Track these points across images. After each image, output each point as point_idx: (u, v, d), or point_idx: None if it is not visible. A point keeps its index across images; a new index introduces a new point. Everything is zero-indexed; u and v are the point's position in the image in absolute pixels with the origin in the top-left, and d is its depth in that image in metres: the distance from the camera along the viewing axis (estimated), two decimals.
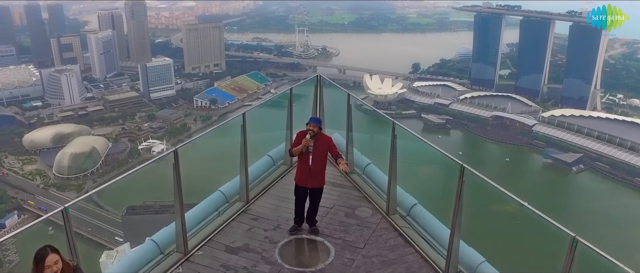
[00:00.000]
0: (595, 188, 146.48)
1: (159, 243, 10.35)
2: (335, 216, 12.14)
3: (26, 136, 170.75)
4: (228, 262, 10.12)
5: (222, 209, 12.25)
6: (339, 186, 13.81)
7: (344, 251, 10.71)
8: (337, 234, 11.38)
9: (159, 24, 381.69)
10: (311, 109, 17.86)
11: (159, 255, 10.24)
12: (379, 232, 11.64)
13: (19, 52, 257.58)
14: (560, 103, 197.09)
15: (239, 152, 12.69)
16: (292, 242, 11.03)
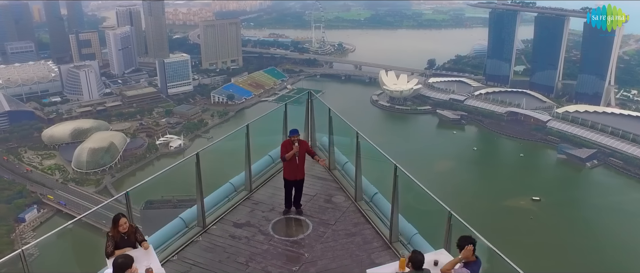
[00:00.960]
0: (609, 184, 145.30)
1: (185, 219, 14.21)
2: (316, 202, 15.71)
3: (45, 131, 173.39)
4: (234, 234, 13.92)
5: (231, 196, 15.91)
6: (322, 179, 17.28)
7: (319, 226, 14.35)
8: (315, 214, 14.94)
9: (177, 20, 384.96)
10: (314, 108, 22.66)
11: (184, 228, 14.08)
12: (347, 214, 15.14)
13: (38, 48, 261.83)
14: (575, 99, 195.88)
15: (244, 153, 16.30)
16: (282, 220, 14.74)
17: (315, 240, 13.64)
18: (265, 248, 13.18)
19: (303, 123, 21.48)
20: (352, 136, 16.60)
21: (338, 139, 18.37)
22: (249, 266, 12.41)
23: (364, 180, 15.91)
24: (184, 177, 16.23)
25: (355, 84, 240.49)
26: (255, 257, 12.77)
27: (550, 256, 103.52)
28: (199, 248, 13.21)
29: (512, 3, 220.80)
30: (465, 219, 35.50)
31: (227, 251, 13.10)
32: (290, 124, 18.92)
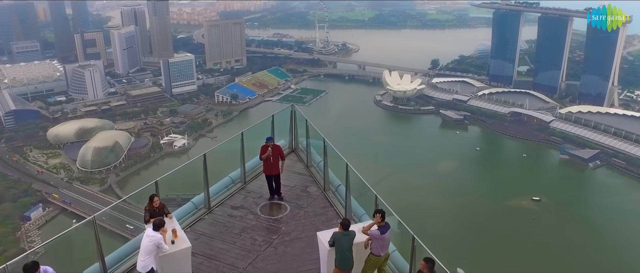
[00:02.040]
0: (611, 184, 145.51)
1: (195, 203, 18.29)
2: (294, 191, 19.64)
3: (50, 130, 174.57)
4: (231, 214, 18.06)
5: (229, 186, 19.91)
6: (301, 174, 21.16)
7: (295, 209, 18.33)
8: (293, 200, 18.90)
9: (181, 19, 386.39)
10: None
11: (194, 209, 18.15)
12: (317, 200, 19.10)
13: (43, 47, 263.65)
14: (578, 99, 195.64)
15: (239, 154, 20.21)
16: (267, 204, 18.71)
17: (291, 218, 17.73)
18: (253, 224, 17.47)
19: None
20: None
21: (314, 142, 22.18)
22: (241, 236, 16.74)
23: (331, 174, 19.74)
24: (187, 177, 20.74)
25: (359, 84, 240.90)
26: (246, 229, 17.13)
27: (551, 256, 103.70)
28: (205, 223, 17.46)
29: (515, 3, 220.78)
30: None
31: (226, 225, 17.38)
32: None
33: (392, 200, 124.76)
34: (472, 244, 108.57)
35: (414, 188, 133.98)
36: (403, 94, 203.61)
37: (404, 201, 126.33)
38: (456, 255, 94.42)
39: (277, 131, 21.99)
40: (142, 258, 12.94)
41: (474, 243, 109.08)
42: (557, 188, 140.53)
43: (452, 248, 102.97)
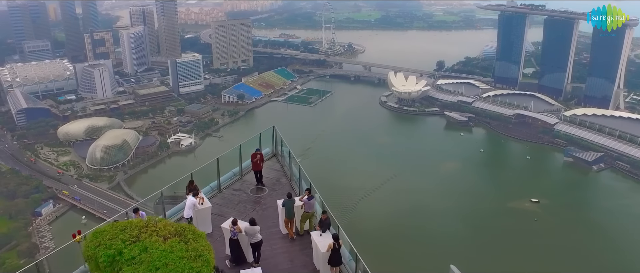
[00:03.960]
0: (615, 187, 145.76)
1: (212, 186, 27.19)
2: (271, 181, 28.14)
3: (61, 128, 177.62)
4: (233, 194, 26.94)
5: (231, 178, 28.61)
6: (276, 171, 29.76)
7: (271, 191, 27.01)
8: (270, 186, 27.56)
9: (189, 19, 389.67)
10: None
11: (211, 191, 27.01)
12: (284, 186, 27.53)
13: (53, 46, 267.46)
14: (583, 102, 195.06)
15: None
16: (255, 188, 27.38)
17: (268, 196, 26.61)
18: (245, 199, 26.68)
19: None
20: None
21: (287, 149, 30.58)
22: (238, 205, 25.89)
23: (294, 170, 28.52)
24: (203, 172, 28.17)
25: (365, 85, 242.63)
26: (241, 202, 26.37)
27: (550, 256, 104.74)
28: (217, 198, 26.47)
29: (521, 6, 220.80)
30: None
31: (230, 199, 26.59)
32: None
33: (395, 200, 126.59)
34: (472, 244, 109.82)
35: (417, 189, 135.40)
36: (408, 95, 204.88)
37: (408, 202, 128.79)
38: (455, 254, 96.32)
39: (264, 142, 30.25)
40: (186, 211, 22.86)
41: (474, 243, 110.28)
42: (560, 190, 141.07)
43: (452, 247, 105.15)
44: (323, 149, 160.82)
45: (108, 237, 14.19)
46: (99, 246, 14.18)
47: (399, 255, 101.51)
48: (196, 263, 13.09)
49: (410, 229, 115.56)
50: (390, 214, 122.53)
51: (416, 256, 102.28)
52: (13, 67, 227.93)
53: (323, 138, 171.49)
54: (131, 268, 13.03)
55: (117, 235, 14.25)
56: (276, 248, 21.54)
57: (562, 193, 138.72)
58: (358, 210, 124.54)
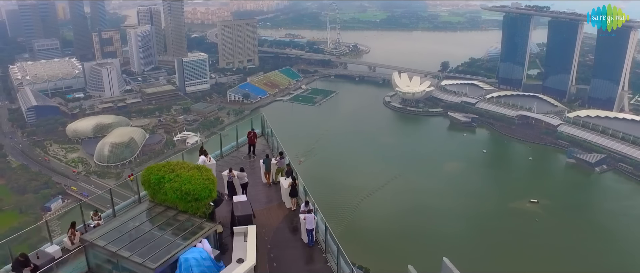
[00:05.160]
0: (617, 189, 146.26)
1: (217, 154, 34.45)
2: (259, 152, 34.23)
3: (69, 126, 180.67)
4: (232, 159, 34.14)
5: (231, 149, 35.99)
6: (263, 145, 35.97)
7: (258, 157, 33.00)
8: (259, 155, 33.60)
9: (195, 19, 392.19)
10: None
11: (217, 156, 33.88)
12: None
13: (62, 45, 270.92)
14: (588, 104, 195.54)
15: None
16: (247, 156, 34.64)
17: (255, 161, 33.13)
18: (240, 163, 32.04)
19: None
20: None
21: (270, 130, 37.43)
22: (234, 165, 30.29)
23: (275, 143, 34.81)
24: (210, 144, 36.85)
25: (369, 85, 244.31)
26: (238, 163, 31.42)
27: (552, 257, 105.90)
28: (220, 162, 32.73)
29: (526, 7, 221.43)
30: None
31: (229, 162, 32.64)
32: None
33: (398, 200, 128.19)
34: (473, 243, 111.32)
35: (420, 189, 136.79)
36: (412, 95, 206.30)
37: (410, 202, 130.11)
38: (455, 252, 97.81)
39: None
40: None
41: (474, 242, 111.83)
42: (562, 192, 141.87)
43: (452, 245, 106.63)
44: (327, 148, 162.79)
45: (154, 170, 22.52)
46: (150, 174, 22.43)
47: (400, 252, 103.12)
48: (206, 181, 21.39)
49: (411, 228, 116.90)
50: (392, 213, 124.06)
51: (416, 253, 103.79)
52: (23, 65, 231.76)
53: (327, 137, 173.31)
54: (170, 184, 21.46)
55: (160, 169, 22.57)
56: (258, 189, 29.32)
57: (563, 195, 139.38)
58: (361, 209, 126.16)
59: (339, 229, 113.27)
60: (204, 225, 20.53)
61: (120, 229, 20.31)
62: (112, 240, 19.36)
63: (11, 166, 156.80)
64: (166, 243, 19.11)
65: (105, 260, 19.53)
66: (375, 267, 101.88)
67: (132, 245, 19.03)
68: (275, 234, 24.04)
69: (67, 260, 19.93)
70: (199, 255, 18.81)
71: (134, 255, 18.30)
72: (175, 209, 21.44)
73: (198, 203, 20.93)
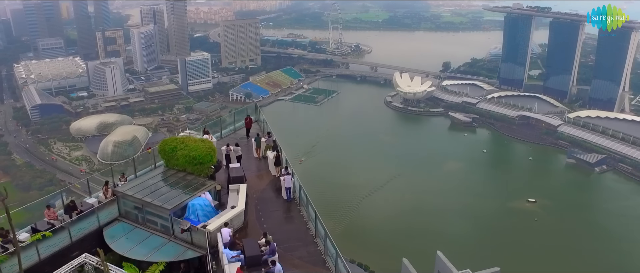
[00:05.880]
0: (617, 189, 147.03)
1: (216, 135, 38.66)
2: (252, 134, 37.71)
3: (73, 124, 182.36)
4: (230, 138, 37.57)
5: (230, 131, 40.94)
6: (256, 129, 39.57)
7: (250, 137, 37.83)
8: (252, 136, 37.55)
9: (198, 18, 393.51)
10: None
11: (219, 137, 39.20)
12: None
13: (66, 44, 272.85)
14: (588, 104, 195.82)
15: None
16: (244, 138, 38.71)
17: (249, 141, 36.87)
18: (237, 140, 35.26)
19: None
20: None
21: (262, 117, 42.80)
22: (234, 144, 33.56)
23: (265, 128, 39.29)
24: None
25: (371, 85, 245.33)
26: (235, 140, 35.42)
27: (550, 256, 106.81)
28: (221, 141, 36.31)
29: (527, 8, 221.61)
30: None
31: (226, 140, 35.80)
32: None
33: (398, 198, 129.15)
34: (471, 241, 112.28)
35: (420, 188, 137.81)
36: (413, 95, 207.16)
37: (410, 201, 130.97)
38: (454, 250, 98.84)
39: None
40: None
41: (473, 241, 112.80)
42: (561, 191, 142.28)
43: (451, 244, 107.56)
44: (328, 148, 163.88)
45: (169, 142, 28.73)
46: (166, 145, 28.41)
47: (399, 250, 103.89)
48: (208, 150, 27.57)
49: (411, 227, 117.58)
50: (392, 212, 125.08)
51: (415, 252, 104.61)
52: (27, 64, 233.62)
53: (328, 137, 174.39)
54: (180, 152, 27.49)
55: (173, 141, 28.68)
56: (251, 162, 34.14)
57: (562, 195, 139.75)
58: (361, 207, 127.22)
59: (339, 228, 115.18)
60: (206, 182, 26.80)
61: (143, 185, 26.71)
62: (138, 191, 25.87)
63: (16, 164, 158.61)
64: (178, 194, 25.61)
65: (132, 207, 26.09)
66: (375, 265, 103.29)
67: (154, 195, 25.46)
68: (261, 193, 29.50)
69: (103, 207, 26.04)
70: (203, 202, 25.14)
71: (155, 200, 24.86)
72: (184, 171, 27.51)
73: (202, 166, 26.96)
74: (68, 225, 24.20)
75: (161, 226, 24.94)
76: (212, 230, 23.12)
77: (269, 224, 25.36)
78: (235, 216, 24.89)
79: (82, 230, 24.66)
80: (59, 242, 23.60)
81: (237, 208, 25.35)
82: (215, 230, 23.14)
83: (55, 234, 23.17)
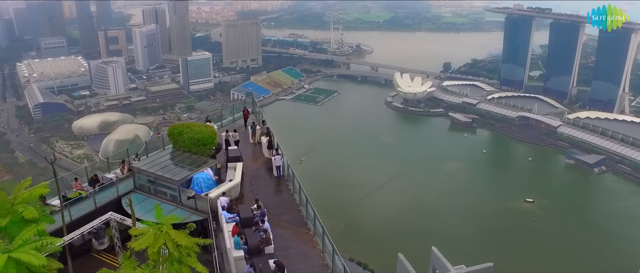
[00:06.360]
0: (615, 189, 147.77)
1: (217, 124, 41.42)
2: (249, 123, 40.70)
3: (75, 122, 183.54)
4: (230, 127, 39.86)
5: (229, 121, 44.23)
6: (252, 120, 42.51)
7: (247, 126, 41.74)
8: (249, 125, 40.83)
9: (200, 18, 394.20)
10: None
11: (218, 125, 41.39)
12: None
13: (69, 43, 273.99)
14: (588, 105, 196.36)
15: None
16: (242, 126, 41.37)
17: (245, 130, 40.24)
18: (236, 131, 36.77)
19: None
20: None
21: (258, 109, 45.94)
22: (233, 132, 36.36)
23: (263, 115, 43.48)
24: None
25: (371, 85, 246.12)
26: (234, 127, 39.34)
27: (548, 256, 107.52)
28: (222, 129, 39.06)
29: (528, 8, 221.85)
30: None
31: (226, 128, 38.60)
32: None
33: (397, 198, 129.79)
34: (470, 240, 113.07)
35: (419, 188, 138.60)
36: (413, 95, 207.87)
37: (409, 200, 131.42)
38: (453, 249, 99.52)
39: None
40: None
41: (472, 240, 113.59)
42: (560, 192, 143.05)
43: (450, 243, 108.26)
44: (328, 147, 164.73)
45: (177, 127, 32.06)
46: (174, 129, 31.88)
47: (398, 249, 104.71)
48: (210, 133, 31.27)
49: (410, 226, 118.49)
50: (392, 211, 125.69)
51: (415, 250, 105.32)
52: (30, 63, 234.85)
53: (329, 136, 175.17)
54: (187, 134, 30.99)
55: (180, 126, 32.27)
56: (247, 146, 37.25)
57: (561, 195, 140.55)
58: (361, 207, 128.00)
59: (339, 227, 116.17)
60: (208, 160, 30.90)
61: (155, 162, 30.73)
62: (151, 167, 29.91)
63: (18, 162, 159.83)
64: (184, 169, 29.77)
65: (146, 180, 30.26)
66: (373, 263, 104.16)
67: (164, 170, 29.55)
68: (255, 172, 33.72)
69: (121, 181, 30.45)
70: (205, 176, 29.23)
71: (165, 174, 29.02)
72: (190, 151, 31.47)
73: (205, 147, 31.07)
74: (92, 194, 28.59)
75: (170, 196, 29.16)
76: (213, 197, 27.49)
77: (261, 195, 28.59)
78: (232, 187, 29.18)
79: (104, 198, 28.96)
80: (85, 207, 28.00)
81: (234, 181, 29.72)
82: (215, 198, 27.44)
83: (82, 201, 28.18)
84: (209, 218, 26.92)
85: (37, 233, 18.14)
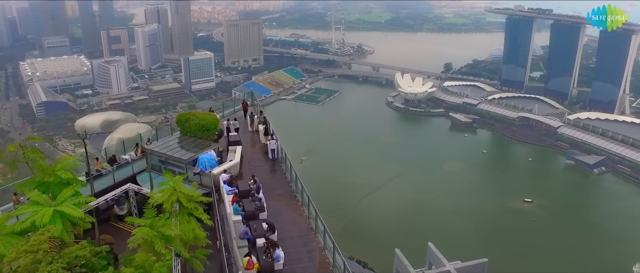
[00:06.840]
0: (615, 190, 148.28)
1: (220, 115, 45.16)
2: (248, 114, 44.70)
3: (78, 121, 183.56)
4: (231, 118, 42.97)
5: (230, 113, 47.73)
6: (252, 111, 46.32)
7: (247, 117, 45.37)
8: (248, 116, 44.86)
9: (202, 18, 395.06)
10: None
11: (221, 117, 42.94)
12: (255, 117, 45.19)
13: (71, 42, 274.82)
14: (589, 106, 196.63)
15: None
16: (242, 117, 44.51)
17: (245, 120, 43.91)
18: (236, 121, 41.01)
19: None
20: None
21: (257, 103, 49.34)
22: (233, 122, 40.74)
23: (260, 106, 48.10)
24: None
25: (372, 85, 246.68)
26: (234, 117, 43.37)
27: (547, 256, 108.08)
28: (223, 119, 42.04)
29: (528, 9, 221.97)
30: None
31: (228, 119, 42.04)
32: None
33: (397, 198, 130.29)
34: (469, 240, 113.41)
35: (419, 188, 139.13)
36: (414, 96, 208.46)
37: (409, 200, 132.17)
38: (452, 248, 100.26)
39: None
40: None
41: (471, 240, 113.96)
42: (559, 192, 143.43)
43: (449, 243, 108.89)
44: (329, 147, 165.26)
45: (184, 115, 35.82)
46: (182, 117, 35.61)
47: (397, 247, 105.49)
48: (214, 120, 34.86)
49: (410, 226, 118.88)
50: (392, 211, 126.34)
51: (414, 250, 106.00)
52: (33, 62, 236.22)
53: (329, 136, 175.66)
54: (193, 121, 34.58)
55: (187, 114, 35.99)
56: (246, 134, 40.36)
57: (561, 195, 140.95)
58: (361, 207, 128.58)
59: (339, 226, 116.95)
60: (212, 144, 34.57)
61: (165, 145, 34.44)
62: (162, 149, 33.69)
63: None
64: (191, 150, 33.50)
65: (157, 160, 33.88)
66: (374, 262, 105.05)
67: (173, 151, 33.40)
68: (253, 155, 37.43)
69: (135, 161, 34.63)
70: (209, 156, 32.82)
71: (175, 154, 32.84)
72: (195, 136, 35.20)
73: (209, 132, 34.80)
74: (111, 171, 32.90)
75: (178, 173, 31.33)
76: (215, 174, 31.43)
77: (257, 173, 31.75)
78: (232, 166, 33.17)
79: (121, 175, 33.15)
80: (105, 182, 32.32)
81: (233, 160, 33.77)
82: (217, 174, 31.32)
83: (103, 177, 32.75)
84: (212, 191, 30.55)
85: (74, 193, 22.37)
